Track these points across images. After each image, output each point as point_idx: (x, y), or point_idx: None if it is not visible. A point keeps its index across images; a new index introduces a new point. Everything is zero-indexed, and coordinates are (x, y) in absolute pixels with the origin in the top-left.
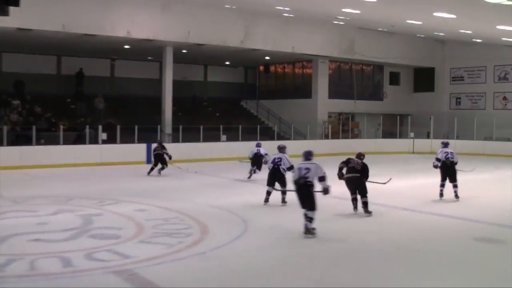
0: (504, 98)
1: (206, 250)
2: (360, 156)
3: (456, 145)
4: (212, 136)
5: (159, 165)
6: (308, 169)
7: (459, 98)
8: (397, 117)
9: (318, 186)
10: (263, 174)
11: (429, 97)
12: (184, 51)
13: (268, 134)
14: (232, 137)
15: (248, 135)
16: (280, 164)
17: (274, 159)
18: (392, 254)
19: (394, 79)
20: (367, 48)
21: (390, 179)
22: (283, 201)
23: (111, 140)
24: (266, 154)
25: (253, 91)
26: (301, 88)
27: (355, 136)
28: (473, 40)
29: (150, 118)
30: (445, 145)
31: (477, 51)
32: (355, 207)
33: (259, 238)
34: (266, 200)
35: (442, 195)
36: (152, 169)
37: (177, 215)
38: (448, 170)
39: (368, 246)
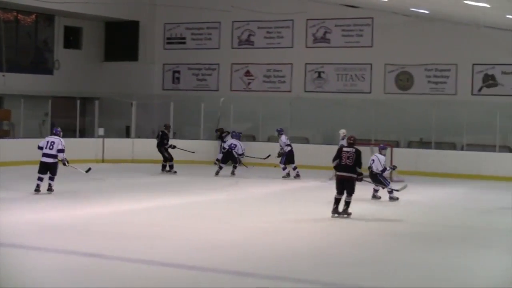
0: (248, 73)
1: None
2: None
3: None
4: None
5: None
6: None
7: (178, 72)
8: (77, 102)
9: None
10: None
11: (130, 70)
12: None
13: None
14: None
15: None
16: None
17: (231, 144)
18: None
19: (73, 38)
20: None
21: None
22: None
23: None
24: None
25: None
26: None
27: (4, 133)
28: None
29: None
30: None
31: None
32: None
33: None
34: (217, 173)
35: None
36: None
37: None
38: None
39: None
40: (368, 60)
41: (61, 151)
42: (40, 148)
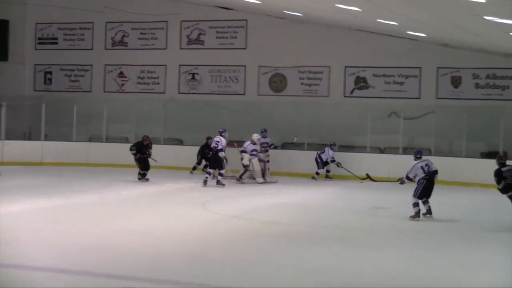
0: (121, 74)
1: None
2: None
3: (44, 150)
4: None
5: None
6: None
7: (50, 72)
8: None
9: None
10: None
11: (0, 70)
12: None
13: None
14: None
15: None
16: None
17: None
18: None
19: None
20: None
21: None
22: None
23: None
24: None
25: None
26: None
27: None
28: None
29: None
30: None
31: None
32: None
33: None
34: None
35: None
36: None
37: None
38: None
39: None
40: (242, 62)
41: None
42: None
